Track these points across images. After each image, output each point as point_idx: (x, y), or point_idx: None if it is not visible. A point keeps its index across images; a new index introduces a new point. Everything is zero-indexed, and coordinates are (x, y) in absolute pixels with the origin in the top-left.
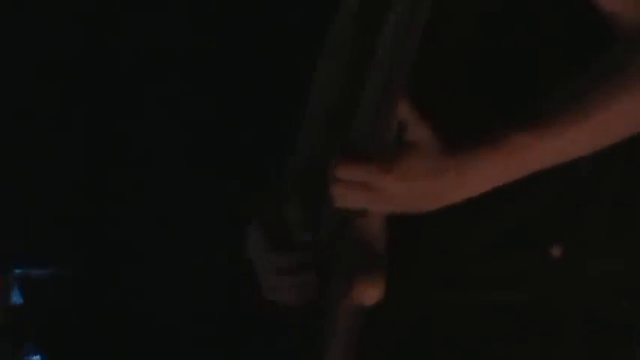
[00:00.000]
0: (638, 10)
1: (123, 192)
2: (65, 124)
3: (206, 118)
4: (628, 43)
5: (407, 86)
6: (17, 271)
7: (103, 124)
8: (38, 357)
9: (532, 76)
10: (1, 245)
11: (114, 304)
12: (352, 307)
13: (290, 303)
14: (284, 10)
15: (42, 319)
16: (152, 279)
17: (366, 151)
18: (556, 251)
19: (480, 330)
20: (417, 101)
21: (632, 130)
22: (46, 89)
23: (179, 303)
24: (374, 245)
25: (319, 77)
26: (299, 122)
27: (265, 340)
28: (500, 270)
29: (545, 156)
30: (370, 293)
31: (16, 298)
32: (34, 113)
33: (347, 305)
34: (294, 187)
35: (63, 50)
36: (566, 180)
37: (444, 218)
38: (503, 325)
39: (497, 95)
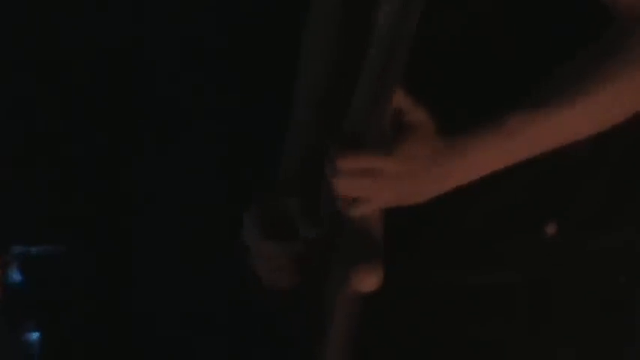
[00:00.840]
0: None
1: (123, 174)
2: (64, 110)
3: (207, 114)
4: (625, 26)
5: (403, 73)
6: (16, 248)
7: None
8: (37, 334)
9: (526, 65)
10: (0, 223)
11: (113, 282)
12: (351, 294)
13: (277, 287)
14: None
15: (41, 296)
16: (151, 257)
17: (364, 139)
18: (550, 229)
19: (477, 311)
20: (413, 87)
21: (629, 111)
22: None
23: (179, 285)
24: (372, 233)
25: (311, 64)
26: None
27: (266, 328)
28: (495, 250)
29: (544, 137)
30: (369, 280)
31: (15, 276)
32: (33, 104)
33: (346, 292)
34: (293, 179)
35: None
36: (562, 158)
37: (438, 201)
38: (499, 305)
39: (493, 83)
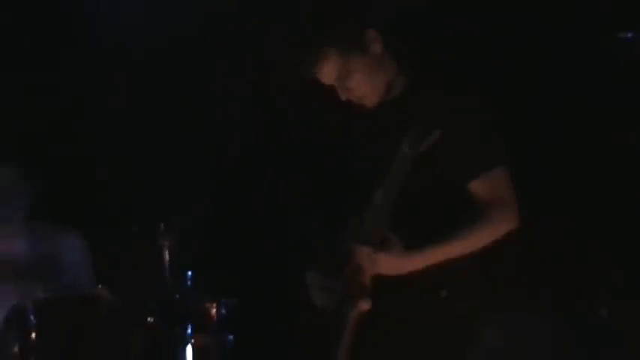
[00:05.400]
0: (490, 197)
1: None
2: None
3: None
4: (482, 209)
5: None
6: None
7: None
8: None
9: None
10: None
11: None
12: (357, 313)
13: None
14: None
15: None
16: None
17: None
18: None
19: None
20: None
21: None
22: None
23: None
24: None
25: None
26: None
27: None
28: None
29: (447, 256)
30: (366, 306)
31: None
32: None
33: (355, 312)
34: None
35: None
36: None
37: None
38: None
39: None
